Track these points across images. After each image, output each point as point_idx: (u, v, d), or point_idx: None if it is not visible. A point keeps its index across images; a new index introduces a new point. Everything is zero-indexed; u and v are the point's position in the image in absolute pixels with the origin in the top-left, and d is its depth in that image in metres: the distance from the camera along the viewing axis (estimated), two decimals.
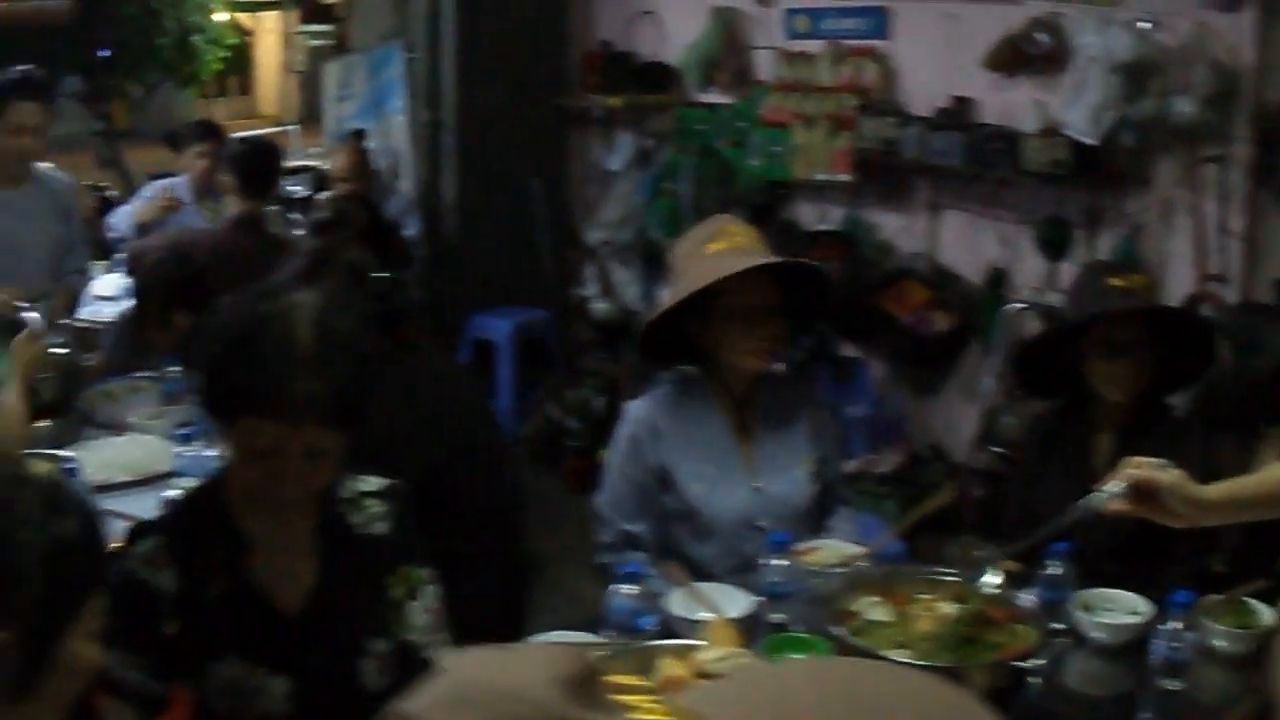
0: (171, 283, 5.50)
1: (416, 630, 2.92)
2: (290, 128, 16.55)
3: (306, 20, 32.56)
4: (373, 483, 2.96)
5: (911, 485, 6.38)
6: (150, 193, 8.36)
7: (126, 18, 14.30)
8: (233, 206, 6.90)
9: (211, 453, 4.64)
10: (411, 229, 8.25)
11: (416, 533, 2.99)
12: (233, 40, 17.43)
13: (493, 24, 8.28)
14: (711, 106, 7.73)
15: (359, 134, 8.78)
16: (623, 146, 8.28)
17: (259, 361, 2.56)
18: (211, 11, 15.58)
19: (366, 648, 2.84)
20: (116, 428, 5.26)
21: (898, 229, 6.85)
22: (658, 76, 8.04)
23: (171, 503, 3.04)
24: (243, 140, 7.91)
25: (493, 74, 8.29)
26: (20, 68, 6.14)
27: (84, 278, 6.75)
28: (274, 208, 7.35)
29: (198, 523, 2.80)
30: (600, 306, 8.42)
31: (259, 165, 7.01)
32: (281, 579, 2.78)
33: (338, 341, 2.63)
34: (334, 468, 2.71)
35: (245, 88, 29.62)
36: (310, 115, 30.49)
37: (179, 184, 8.29)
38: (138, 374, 5.65)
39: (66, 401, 5.18)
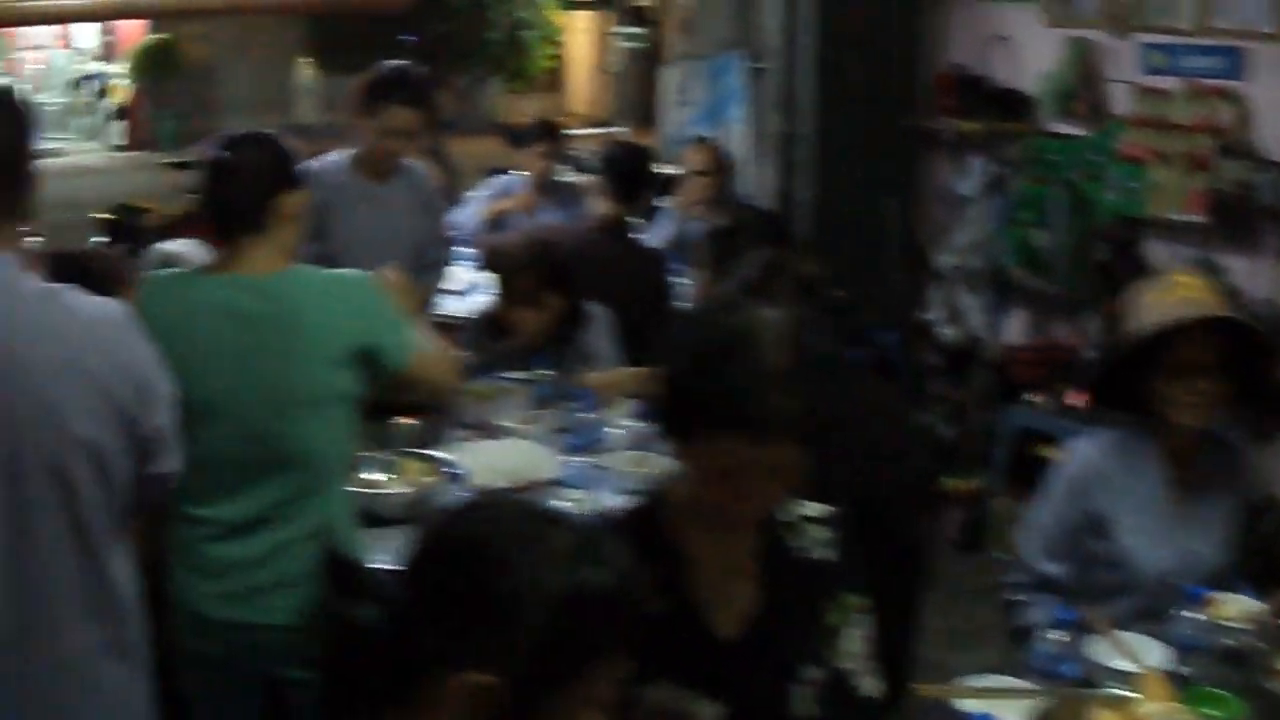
0: (544, 262, 5.95)
1: (850, 658, 2.97)
2: (619, 129, 17.16)
3: (621, 22, 33.69)
4: (814, 507, 3.01)
5: (1247, 534, 6.60)
6: (490, 190, 9.07)
7: (456, 10, 15.02)
8: (599, 208, 7.17)
9: (600, 463, 5.13)
10: None
11: (857, 561, 3.03)
12: (563, 36, 18.09)
13: (848, 40, 8.69)
14: (1066, 137, 8.06)
15: (702, 139, 9.21)
16: (974, 172, 8.56)
17: (730, 377, 2.63)
18: (542, 8, 16.20)
19: (801, 674, 2.90)
20: (485, 429, 5.52)
21: (1245, 274, 7.11)
22: (1011, 103, 8.36)
23: (609, 519, 3.11)
24: (616, 143, 8.31)
25: (848, 90, 8.70)
26: (397, 64, 6.52)
27: (441, 271, 7.12)
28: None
29: (637, 541, 2.62)
30: (947, 332, 8.68)
31: (631, 169, 7.25)
32: (721, 601, 2.85)
33: (807, 357, 2.71)
34: (792, 487, 2.81)
35: (556, 85, 30.50)
36: (622, 117, 31.50)
37: (518, 182, 9.01)
38: (503, 374, 5.89)
39: (437, 401, 5.43)
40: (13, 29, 35.17)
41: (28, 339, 2.89)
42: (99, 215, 14.18)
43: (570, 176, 9.64)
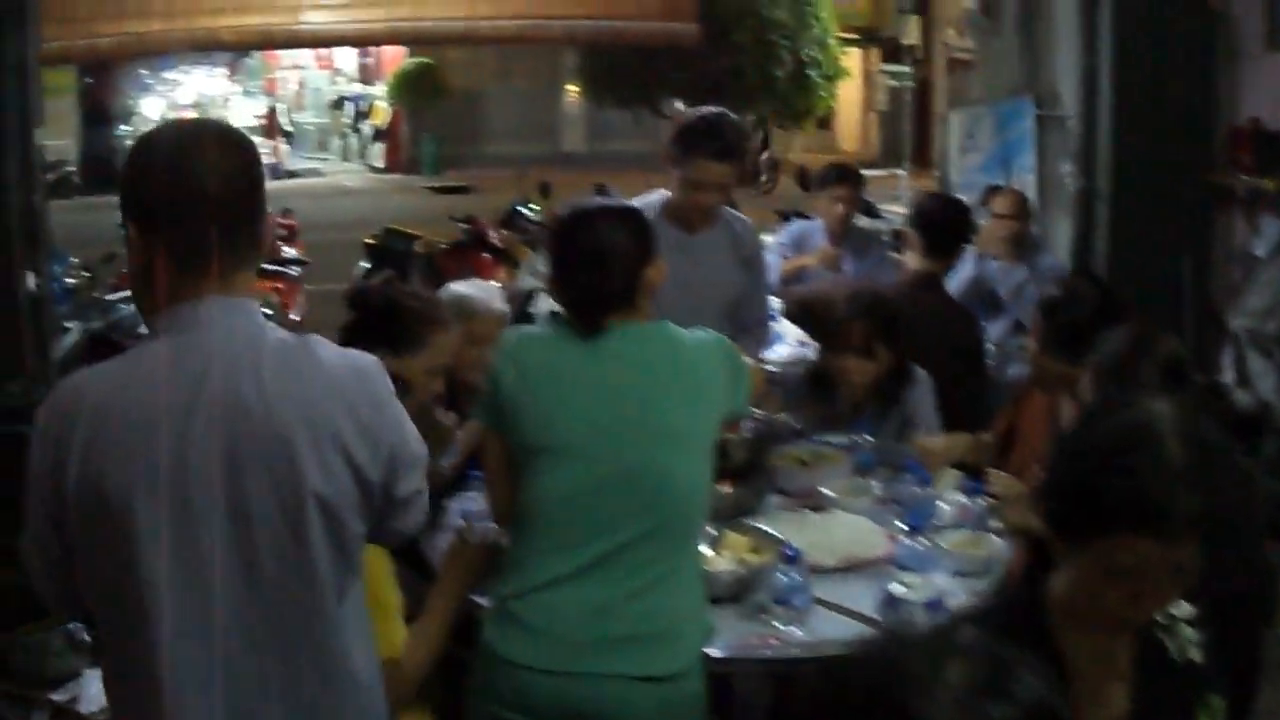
0: (877, 311, 5.80)
1: None
2: (900, 172, 17.27)
3: (887, 60, 33.92)
4: (1184, 607, 2.94)
5: None
6: (785, 238, 9.16)
7: (743, 47, 15.17)
8: (911, 263, 6.92)
9: (934, 543, 4.71)
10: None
11: (1219, 660, 2.97)
12: (848, 76, 18.20)
13: (1146, 92, 8.76)
14: None
15: (996, 189, 9.32)
16: (1269, 231, 8.56)
17: (1139, 475, 2.59)
18: (827, 47, 16.31)
19: None
20: (806, 498, 5.29)
21: None
22: None
23: (978, 613, 3.05)
24: (933, 196, 8.17)
25: (1146, 144, 8.77)
26: (710, 112, 6.07)
27: (766, 329, 6.72)
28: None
29: (1010, 640, 2.45)
30: (1237, 396, 8.56)
31: (950, 224, 6.99)
32: (1094, 705, 2.80)
33: (1209, 451, 2.67)
34: (1184, 588, 2.73)
35: (824, 123, 30.79)
36: (886, 155, 31.60)
37: (814, 229, 9.05)
38: (822, 438, 5.77)
39: (756, 464, 5.27)
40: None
41: (267, 389, 2.88)
42: (365, 240, 14.84)
43: (864, 222, 9.74)
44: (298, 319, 12.47)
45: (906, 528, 4.89)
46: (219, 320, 2.90)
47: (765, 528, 4.79)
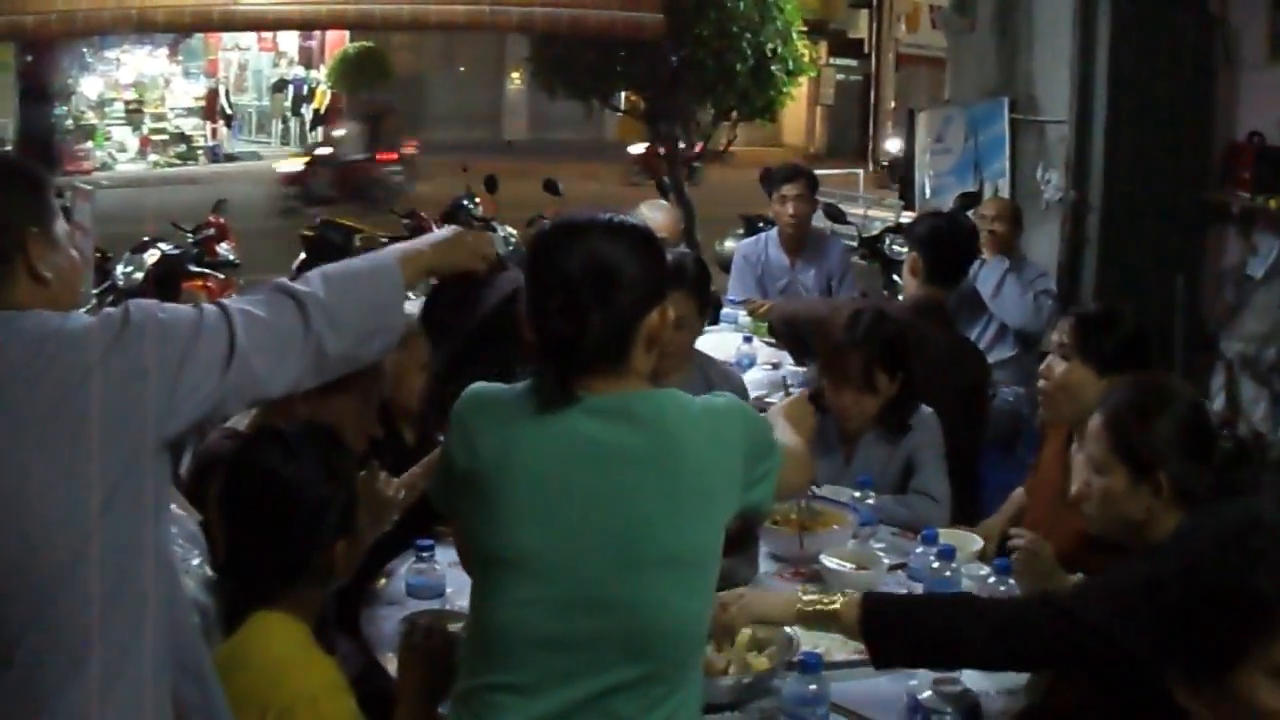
0: (876, 336, 5.09)
1: None
2: (857, 172, 16.78)
3: (834, 53, 33.48)
4: None
5: None
6: (744, 254, 8.65)
7: (703, 39, 14.83)
8: (910, 287, 6.27)
9: None
10: None
11: None
12: (812, 72, 17.73)
13: (1141, 103, 8.41)
14: None
15: (970, 195, 9.02)
16: (1266, 251, 8.28)
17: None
18: (789, 40, 15.89)
19: None
20: (803, 564, 4.44)
21: None
22: None
23: None
24: (938, 215, 7.09)
25: (1139, 157, 8.42)
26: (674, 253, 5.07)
27: None
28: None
29: None
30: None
31: (956, 249, 6.38)
32: None
33: None
34: None
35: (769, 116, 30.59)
36: (832, 151, 31.10)
37: (768, 239, 8.60)
38: (817, 491, 4.74)
39: (749, 528, 4.18)
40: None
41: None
42: (301, 232, 14.20)
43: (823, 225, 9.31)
44: None
45: None
46: None
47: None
